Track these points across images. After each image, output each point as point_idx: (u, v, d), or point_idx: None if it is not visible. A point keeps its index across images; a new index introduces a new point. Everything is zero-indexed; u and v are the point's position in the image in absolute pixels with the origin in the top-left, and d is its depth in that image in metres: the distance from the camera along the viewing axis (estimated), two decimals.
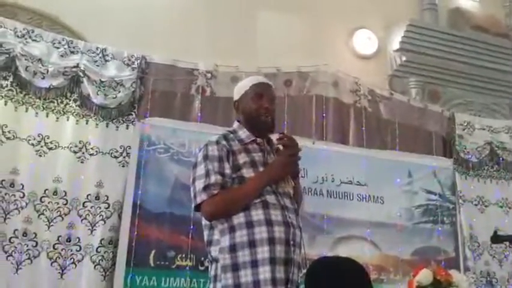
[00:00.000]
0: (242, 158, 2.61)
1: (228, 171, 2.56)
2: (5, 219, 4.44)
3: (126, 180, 4.85)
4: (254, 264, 2.41)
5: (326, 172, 5.58)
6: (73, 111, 4.89)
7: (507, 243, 5.54)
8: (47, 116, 4.79)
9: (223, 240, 2.48)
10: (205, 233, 2.61)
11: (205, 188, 2.52)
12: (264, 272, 2.40)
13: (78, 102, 4.91)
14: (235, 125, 2.81)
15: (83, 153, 4.82)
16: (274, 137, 2.80)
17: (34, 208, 4.56)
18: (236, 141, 2.68)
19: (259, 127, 2.75)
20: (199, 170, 2.58)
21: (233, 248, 2.45)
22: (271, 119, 2.77)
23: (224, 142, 2.64)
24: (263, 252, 2.43)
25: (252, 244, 2.44)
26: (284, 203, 2.60)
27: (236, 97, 2.85)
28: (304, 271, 2.93)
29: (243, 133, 2.74)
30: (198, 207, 2.57)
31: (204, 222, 2.62)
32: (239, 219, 2.49)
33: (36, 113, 4.76)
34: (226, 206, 2.51)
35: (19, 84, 4.71)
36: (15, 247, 4.42)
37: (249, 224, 2.47)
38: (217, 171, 2.54)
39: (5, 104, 4.64)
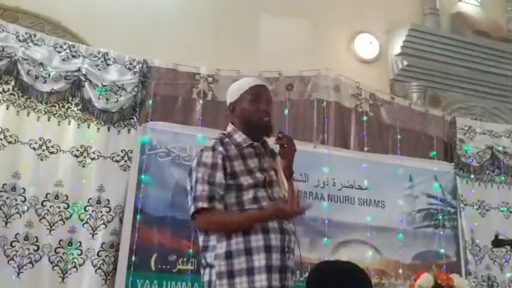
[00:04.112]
0: (238, 166, 2.58)
1: (219, 180, 2.52)
2: (6, 223, 4.44)
3: (128, 184, 4.86)
4: (250, 272, 2.41)
5: (327, 176, 5.57)
6: (75, 115, 4.89)
7: (508, 247, 5.56)
8: (49, 120, 4.80)
9: (220, 247, 2.47)
10: (201, 238, 2.59)
11: (194, 199, 2.51)
12: (261, 280, 2.39)
13: (79, 106, 4.91)
14: (230, 128, 2.75)
15: (85, 157, 4.83)
16: (270, 140, 2.80)
17: (35, 212, 4.56)
18: (232, 146, 2.63)
19: (259, 130, 2.70)
20: (193, 178, 2.56)
21: (229, 255, 2.44)
22: (270, 121, 2.73)
23: (221, 148, 2.58)
24: (259, 260, 2.42)
25: (248, 251, 2.43)
26: None
27: (231, 99, 2.77)
28: (305, 275, 2.93)
29: (239, 136, 2.68)
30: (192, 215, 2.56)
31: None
32: None
33: (38, 117, 4.76)
34: (213, 228, 2.52)
35: (21, 88, 4.71)
36: (17, 251, 4.43)
37: (246, 232, 2.45)
38: (207, 180, 2.51)
39: (7, 108, 4.65)
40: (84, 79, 4.92)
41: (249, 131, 2.69)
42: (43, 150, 4.71)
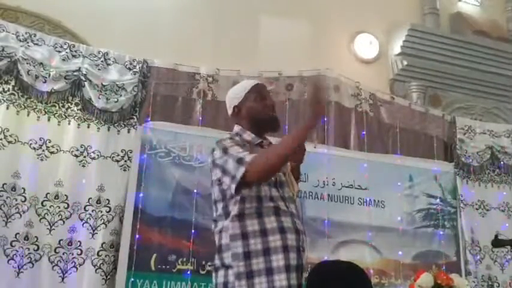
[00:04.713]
0: None
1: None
2: (6, 223, 4.45)
3: (128, 184, 4.86)
4: (269, 272, 2.41)
5: (327, 176, 5.57)
6: (75, 115, 4.90)
7: (508, 247, 5.56)
8: (49, 120, 4.81)
9: (235, 246, 2.46)
10: (216, 238, 2.58)
11: (239, 161, 2.46)
12: (280, 280, 2.40)
13: (79, 106, 4.92)
14: (238, 128, 2.79)
15: (85, 157, 4.83)
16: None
17: (35, 212, 4.57)
18: (244, 143, 2.68)
19: (268, 125, 2.78)
20: (224, 159, 2.53)
21: (247, 255, 2.44)
22: (277, 116, 2.83)
23: (238, 139, 2.68)
24: (278, 260, 2.44)
25: (266, 252, 2.44)
26: (291, 209, 2.62)
27: (235, 102, 2.81)
28: (305, 275, 2.93)
29: (248, 135, 2.73)
30: (238, 188, 2.48)
31: (215, 228, 2.59)
32: (253, 226, 2.49)
33: (38, 117, 4.77)
34: (268, 161, 2.45)
35: (21, 88, 4.72)
36: (17, 251, 4.43)
37: (263, 232, 2.47)
38: (236, 154, 2.50)
39: (7, 108, 4.65)
40: (84, 79, 4.93)
41: (257, 128, 2.76)
42: (43, 150, 4.71)
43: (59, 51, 4.94)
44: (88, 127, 4.92)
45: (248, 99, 2.79)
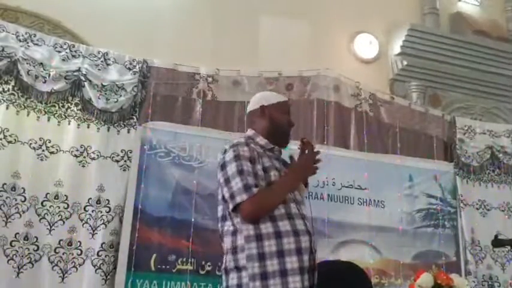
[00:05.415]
0: (267, 162, 2.66)
1: (260, 172, 2.59)
2: (6, 223, 4.44)
3: (127, 184, 4.86)
4: (283, 273, 2.44)
5: (327, 176, 5.57)
6: (74, 115, 4.89)
7: (509, 247, 5.55)
8: (49, 120, 4.80)
9: (250, 248, 2.48)
10: (228, 239, 2.58)
11: (245, 187, 2.51)
12: (295, 282, 2.43)
13: (79, 106, 4.91)
14: (251, 132, 2.84)
15: (84, 157, 4.83)
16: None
17: (35, 212, 4.56)
18: (258, 146, 2.73)
19: (283, 138, 2.85)
20: (232, 168, 2.56)
21: (262, 257, 2.46)
22: None
23: (252, 145, 2.69)
24: (292, 262, 2.46)
25: (280, 254, 2.47)
26: (302, 212, 2.65)
27: (265, 102, 2.87)
28: None
29: (261, 140, 2.78)
30: (235, 208, 2.54)
31: (227, 228, 2.60)
32: (267, 229, 2.50)
33: (38, 117, 4.76)
34: (267, 204, 2.54)
35: (21, 88, 4.71)
36: (17, 251, 4.43)
37: (278, 234, 2.49)
38: (252, 171, 2.55)
39: (7, 108, 4.65)
40: (84, 79, 4.92)
41: (272, 137, 2.81)
42: (43, 150, 4.71)
43: (59, 51, 4.94)
44: (88, 127, 4.92)
45: (277, 109, 2.87)
